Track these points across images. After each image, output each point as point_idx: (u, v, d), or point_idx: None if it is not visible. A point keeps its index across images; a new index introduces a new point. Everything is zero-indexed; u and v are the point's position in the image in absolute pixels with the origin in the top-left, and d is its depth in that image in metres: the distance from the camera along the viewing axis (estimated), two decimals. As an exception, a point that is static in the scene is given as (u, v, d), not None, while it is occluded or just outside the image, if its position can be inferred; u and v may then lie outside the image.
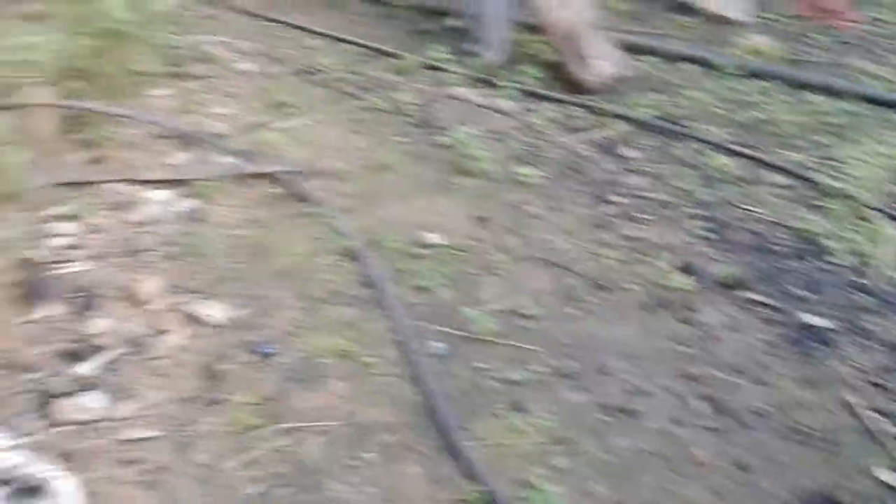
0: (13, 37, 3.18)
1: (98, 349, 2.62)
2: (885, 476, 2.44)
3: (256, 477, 2.28)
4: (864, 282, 3.25)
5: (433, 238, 3.30)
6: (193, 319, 2.82)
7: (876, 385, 2.77)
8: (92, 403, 2.41)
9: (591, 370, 2.75)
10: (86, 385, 2.48)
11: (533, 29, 4.96)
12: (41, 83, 3.24)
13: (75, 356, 2.58)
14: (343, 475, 2.30)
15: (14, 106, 3.13)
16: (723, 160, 4.00)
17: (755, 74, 4.81)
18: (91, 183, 3.33)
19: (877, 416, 2.65)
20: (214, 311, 2.86)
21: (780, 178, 3.91)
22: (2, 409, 2.36)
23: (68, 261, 2.93)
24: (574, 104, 4.27)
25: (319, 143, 3.88)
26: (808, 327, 3.01)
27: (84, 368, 2.53)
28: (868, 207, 3.61)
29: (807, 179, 3.86)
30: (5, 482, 1.96)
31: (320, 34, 4.95)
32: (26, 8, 3.58)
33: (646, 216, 3.56)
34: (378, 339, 2.81)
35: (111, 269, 2.96)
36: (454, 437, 2.41)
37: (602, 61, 4.38)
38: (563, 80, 4.48)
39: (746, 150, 4.07)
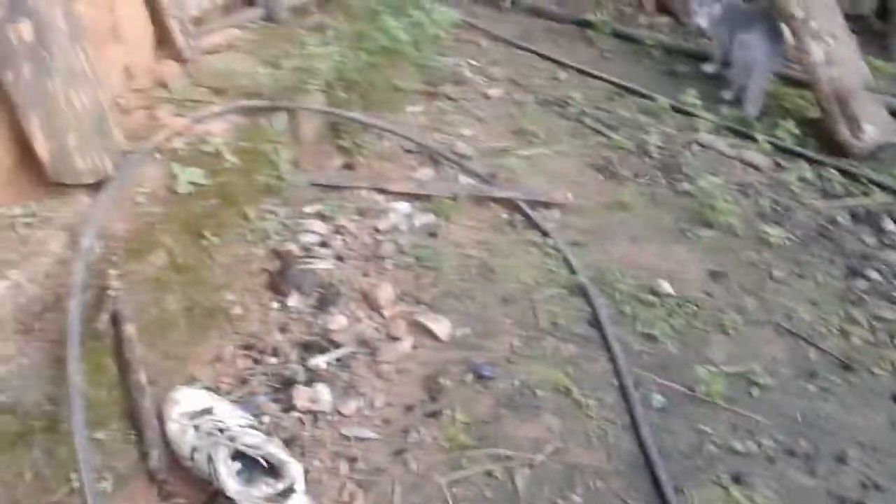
0: (299, 46, 3.46)
1: (334, 345, 2.77)
2: None
3: (465, 496, 2.31)
4: None
5: (665, 286, 3.20)
6: (420, 330, 2.91)
7: None
8: (322, 396, 2.55)
9: (825, 454, 2.54)
10: (319, 377, 2.63)
11: (794, 82, 4.72)
12: (314, 90, 3.49)
13: (313, 348, 2.75)
14: (550, 513, 2.28)
15: (289, 108, 3.39)
16: None
17: None
18: (343, 187, 3.54)
19: None
20: (440, 325, 2.93)
21: None
22: (245, 387, 2.56)
23: (317, 257, 3.13)
24: (833, 167, 3.99)
25: (558, 175, 3.90)
26: None
27: (319, 361, 2.69)
28: None
29: None
30: (242, 455, 2.11)
31: (570, 67, 4.98)
32: (311, 20, 3.88)
33: (903, 298, 3.26)
34: (598, 380, 2.76)
35: (353, 270, 3.12)
36: (669, 497, 2.32)
37: (869, 125, 4.06)
38: (823, 139, 4.20)
39: None
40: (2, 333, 2.14)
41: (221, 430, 2.11)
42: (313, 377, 2.64)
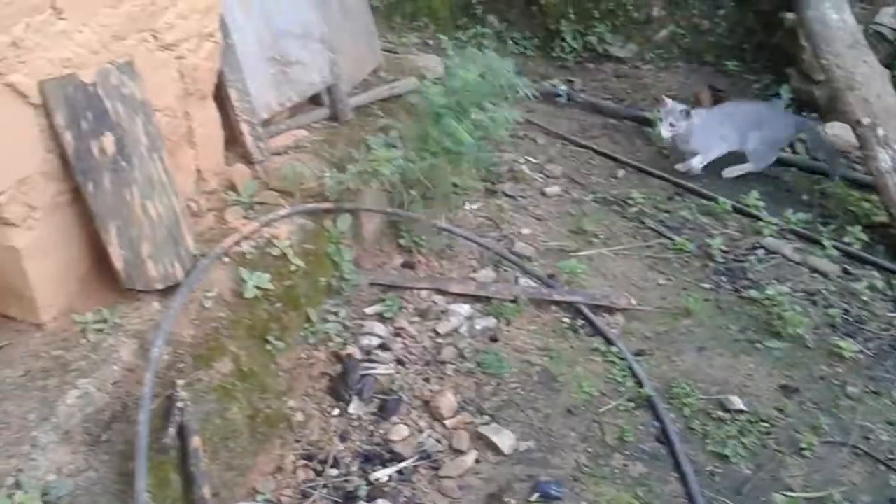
0: (364, 149, 3.50)
1: (395, 456, 2.71)
2: None
3: None
4: None
5: (735, 402, 3.09)
6: (483, 443, 2.85)
7: None
8: (384, 512, 2.48)
9: None
10: (381, 492, 2.57)
11: (858, 184, 4.64)
12: (377, 190, 3.52)
13: (374, 459, 2.70)
14: None
15: (351, 209, 3.41)
16: None
17: None
18: (403, 287, 3.52)
19: None
20: (503, 437, 2.87)
21: None
22: (306, 501, 2.50)
23: (377, 361, 3.09)
24: (905, 276, 3.89)
25: (619, 277, 3.84)
26: None
27: (381, 474, 2.63)
28: None
29: None
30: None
31: (628, 164, 4.95)
32: (374, 120, 3.94)
33: None
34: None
35: (413, 375, 3.08)
36: None
37: (942, 232, 3.96)
38: (892, 246, 4.09)
39: None
40: (71, 445, 2.13)
41: (287, 558, 2.05)
42: (375, 492, 2.58)
